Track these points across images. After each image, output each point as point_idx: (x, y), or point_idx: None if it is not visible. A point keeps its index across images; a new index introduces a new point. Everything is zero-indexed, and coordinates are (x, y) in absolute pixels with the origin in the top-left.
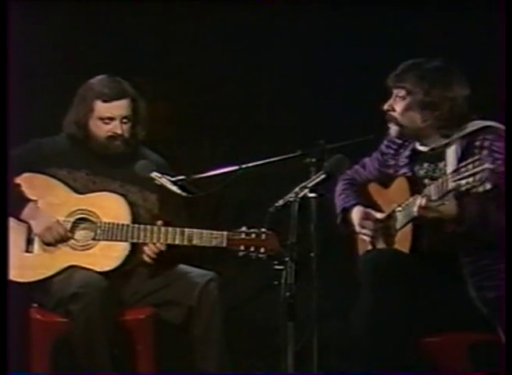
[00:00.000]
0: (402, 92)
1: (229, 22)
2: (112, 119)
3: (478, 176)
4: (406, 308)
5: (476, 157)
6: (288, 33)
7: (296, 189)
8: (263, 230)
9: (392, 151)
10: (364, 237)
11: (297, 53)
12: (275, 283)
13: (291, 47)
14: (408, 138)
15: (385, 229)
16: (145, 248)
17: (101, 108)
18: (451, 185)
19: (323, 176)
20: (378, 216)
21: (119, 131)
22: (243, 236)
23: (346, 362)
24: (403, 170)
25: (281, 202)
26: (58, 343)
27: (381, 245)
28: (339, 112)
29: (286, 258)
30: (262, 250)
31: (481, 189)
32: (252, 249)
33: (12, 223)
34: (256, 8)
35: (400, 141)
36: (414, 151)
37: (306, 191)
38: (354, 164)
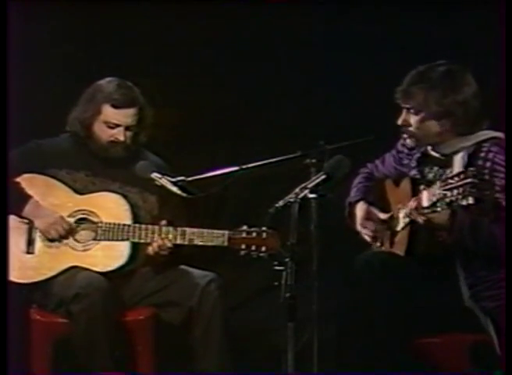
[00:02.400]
0: (413, 107)
1: (228, 23)
2: (117, 125)
3: (461, 189)
4: (398, 310)
5: (461, 170)
6: (288, 33)
7: (297, 190)
8: (264, 228)
9: (406, 151)
10: (365, 237)
11: (297, 53)
12: (276, 283)
13: (291, 47)
14: (427, 146)
15: (388, 229)
16: (153, 244)
17: (109, 113)
18: (437, 195)
19: (323, 176)
20: (381, 216)
21: (122, 138)
22: (244, 235)
23: (345, 362)
24: (413, 172)
25: (281, 203)
26: (58, 343)
27: (386, 245)
28: (339, 112)
29: (287, 259)
30: (263, 249)
31: (463, 202)
32: (253, 248)
33: (13, 223)
34: (256, 9)
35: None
36: (425, 154)
37: (306, 191)
38: (355, 164)
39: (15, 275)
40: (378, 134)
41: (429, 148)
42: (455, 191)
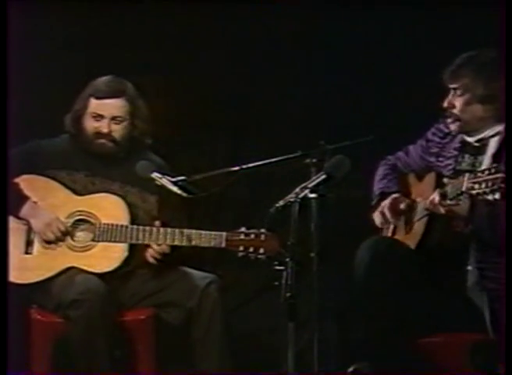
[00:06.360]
0: (460, 88)
1: (230, 21)
2: (101, 116)
3: (490, 183)
4: (401, 300)
5: (494, 164)
6: (288, 32)
7: (297, 189)
8: (262, 230)
9: (437, 139)
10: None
11: (298, 53)
12: (276, 283)
13: (291, 47)
14: (469, 132)
15: (406, 219)
16: (149, 249)
17: (93, 104)
18: (465, 187)
19: (323, 176)
20: (404, 206)
21: (105, 130)
22: (242, 236)
23: (345, 360)
24: (448, 161)
25: (281, 203)
26: (58, 343)
27: (398, 234)
28: (340, 112)
29: (287, 259)
30: (261, 251)
31: (490, 197)
32: (251, 250)
33: (12, 224)
34: (256, 8)
35: (447, 130)
36: (463, 143)
37: (306, 191)
38: (355, 164)
39: (14, 275)
40: (378, 134)
41: (465, 135)
42: (483, 185)
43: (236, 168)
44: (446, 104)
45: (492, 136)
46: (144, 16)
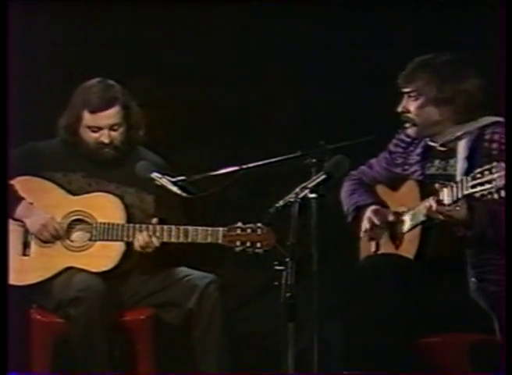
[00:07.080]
0: (414, 92)
1: (229, 21)
2: (99, 128)
3: (494, 183)
4: (404, 313)
5: (494, 163)
6: (288, 32)
7: (297, 189)
8: (259, 225)
9: (400, 150)
10: (370, 240)
11: (298, 53)
12: (276, 283)
13: (291, 47)
14: (427, 136)
15: (392, 232)
16: (138, 241)
17: (87, 116)
18: (466, 191)
19: (323, 176)
20: (391, 218)
21: (107, 140)
22: (238, 232)
23: (346, 362)
24: (413, 168)
25: (281, 203)
26: (58, 343)
27: (385, 248)
28: (339, 112)
29: (287, 259)
30: (258, 245)
31: (496, 196)
32: (248, 245)
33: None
34: (255, 8)
35: (409, 139)
36: (426, 148)
37: (306, 191)
38: (355, 164)
39: (12, 277)
40: (378, 134)
41: (428, 140)
42: (487, 185)
43: (236, 168)
44: (400, 109)
45: (458, 138)
46: (144, 17)
